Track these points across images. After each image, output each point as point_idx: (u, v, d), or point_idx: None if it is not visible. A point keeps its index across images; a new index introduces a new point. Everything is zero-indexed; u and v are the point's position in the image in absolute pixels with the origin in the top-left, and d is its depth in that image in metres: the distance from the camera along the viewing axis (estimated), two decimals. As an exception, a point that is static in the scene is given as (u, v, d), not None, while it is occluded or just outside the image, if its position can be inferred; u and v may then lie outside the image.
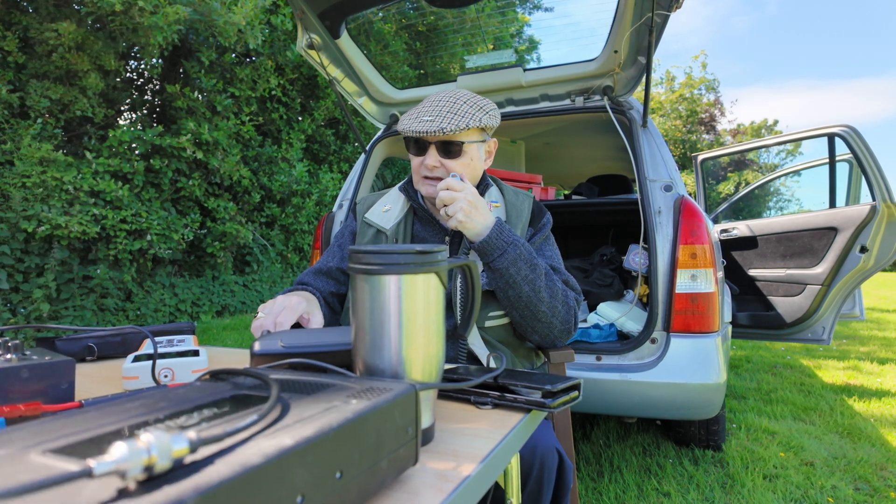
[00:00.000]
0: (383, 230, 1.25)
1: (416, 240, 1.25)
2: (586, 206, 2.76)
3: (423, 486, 0.47)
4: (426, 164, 1.15)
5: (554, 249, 1.30)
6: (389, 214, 1.27)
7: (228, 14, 4.81)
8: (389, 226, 1.25)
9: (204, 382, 0.53)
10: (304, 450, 0.35)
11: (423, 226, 1.26)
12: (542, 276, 1.12)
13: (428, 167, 1.15)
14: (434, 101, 1.18)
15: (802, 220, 3.15)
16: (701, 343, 1.73)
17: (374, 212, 1.30)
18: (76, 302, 4.74)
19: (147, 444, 0.28)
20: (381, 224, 1.26)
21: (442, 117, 1.13)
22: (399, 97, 2.49)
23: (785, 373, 3.73)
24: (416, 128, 1.13)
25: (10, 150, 4.43)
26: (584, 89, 2.20)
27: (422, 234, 1.25)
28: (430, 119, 1.13)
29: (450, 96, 1.18)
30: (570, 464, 0.98)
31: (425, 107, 1.17)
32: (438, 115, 1.14)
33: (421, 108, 1.18)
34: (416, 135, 1.13)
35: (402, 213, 1.27)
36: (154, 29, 4.49)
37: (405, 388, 0.48)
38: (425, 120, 1.13)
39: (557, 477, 0.96)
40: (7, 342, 0.67)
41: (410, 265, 0.56)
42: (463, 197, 1.05)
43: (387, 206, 1.30)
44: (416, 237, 1.25)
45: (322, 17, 2.01)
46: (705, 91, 20.43)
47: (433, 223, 1.25)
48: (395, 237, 1.24)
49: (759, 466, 2.13)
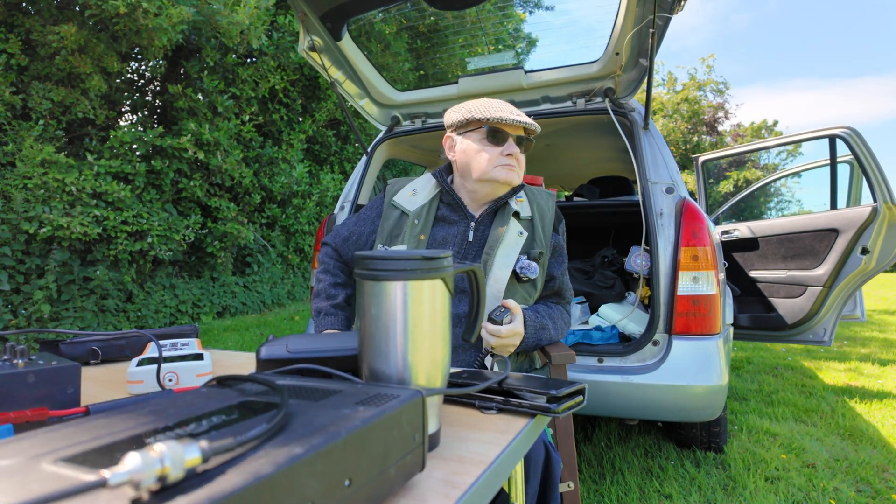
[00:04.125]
0: (407, 211, 1.35)
1: (438, 221, 1.34)
2: (588, 207, 2.76)
3: (430, 492, 0.47)
4: (513, 152, 1.27)
5: (564, 262, 1.40)
6: (415, 198, 1.37)
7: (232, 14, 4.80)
8: (413, 208, 1.35)
9: (211, 388, 0.53)
10: (314, 458, 0.35)
11: (449, 210, 1.35)
12: (550, 329, 1.27)
13: (514, 156, 1.28)
14: (500, 101, 1.32)
15: (803, 221, 3.15)
16: (702, 345, 1.73)
17: (401, 195, 1.39)
18: (77, 303, 4.75)
19: (160, 454, 0.29)
20: (405, 206, 1.36)
21: (523, 117, 1.27)
22: (400, 99, 2.49)
23: (786, 374, 3.73)
24: (520, 120, 1.26)
25: (12, 152, 4.44)
26: (586, 91, 2.20)
27: (446, 216, 1.35)
28: (517, 116, 1.26)
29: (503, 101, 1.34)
30: (557, 457, 0.99)
31: (500, 105, 1.29)
32: (519, 114, 1.28)
33: (495, 104, 1.29)
34: (520, 124, 1.26)
35: (428, 196, 1.36)
36: (158, 31, 4.49)
37: (412, 394, 0.48)
38: (515, 115, 1.26)
39: (544, 471, 0.97)
40: (13, 347, 0.67)
41: (416, 271, 0.56)
42: (509, 343, 1.17)
43: (413, 189, 1.39)
44: (439, 218, 1.35)
45: (324, 19, 2.02)
46: (712, 95, 20.44)
47: (459, 209, 1.34)
48: (416, 218, 1.33)
49: (761, 468, 2.13)
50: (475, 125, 1.28)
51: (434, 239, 1.32)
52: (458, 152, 1.32)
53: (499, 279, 1.24)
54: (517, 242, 1.28)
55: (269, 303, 7.07)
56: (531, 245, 1.31)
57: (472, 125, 1.29)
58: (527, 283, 1.29)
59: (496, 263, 1.25)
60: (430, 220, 1.33)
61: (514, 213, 1.33)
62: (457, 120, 1.30)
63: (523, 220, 1.33)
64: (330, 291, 1.36)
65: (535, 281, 1.30)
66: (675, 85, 21.32)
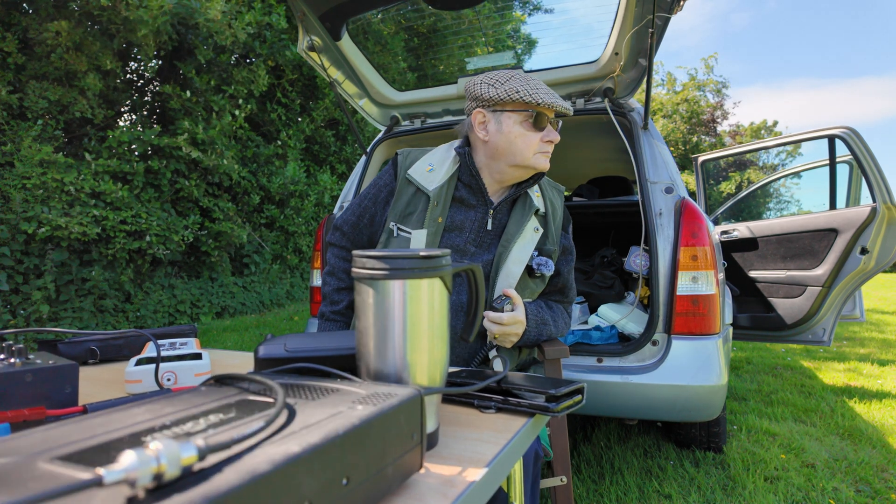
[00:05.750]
0: (425, 190, 1.24)
1: (455, 202, 1.26)
2: (587, 207, 2.76)
3: (428, 492, 0.47)
4: (553, 139, 1.20)
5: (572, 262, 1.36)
6: (433, 175, 1.26)
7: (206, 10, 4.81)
8: (433, 187, 1.24)
9: (209, 387, 0.53)
10: (311, 456, 0.35)
11: (468, 192, 1.26)
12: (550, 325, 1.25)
13: (555, 141, 1.20)
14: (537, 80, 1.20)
15: (803, 221, 3.15)
16: (702, 345, 1.73)
17: (416, 169, 1.28)
18: (75, 303, 4.74)
19: (156, 452, 0.29)
20: (423, 184, 1.25)
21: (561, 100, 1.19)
22: (400, 99, 2.49)
23: (785, 374, 3.73)
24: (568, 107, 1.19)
25: (11, 152, 4.43)
26: (585, 91, 2.20)
27: (465, 198, 1.26)
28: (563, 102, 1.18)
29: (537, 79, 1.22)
30: (540, 453, 1.00)
31: (541, 86, 1.18)
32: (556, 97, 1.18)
33: (536, 84, 1.18)
34: (563, 109, 1.18)
35: (447, 175, 1.25)
36: (140, 23, 4.51)
37: (410, 393, 0.48)
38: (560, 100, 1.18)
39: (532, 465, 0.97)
40: (11, 346, 0.67)
41: (415, 270, 0.56)
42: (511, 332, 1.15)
43: (430, 164, 1.28)
44: (456, 199, 1.26)
45: (323, 18, 2.01)
46: (711, 95, 20.47)
47: (480, 192, 1.25)
48: (436, 200, 1.23)
49: (760, 468, 2.13)
50: (519, 106, 1.17)
51: (452, 222, 1.24)
52: (494, 133, 1.20)
53: (511, 273, 1.20)
54: (533, 239, 1.24)
55: (267, 303, 7.07)
56: (545, 242, 1.27)
57: (515, 105, 1.17)
58: (538, 278, 1.26)
59: (511, 258, 1.21)
60: (448, 201, 1.24)
61: (535, 210, 1.28)
62: (496, 96, 1.17)
63: (539, 217, 1.29)
64: (333, 297, 1.35)
65: (545, 276, 1.28)
66: (674, 85, 21.35)
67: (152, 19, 4.54)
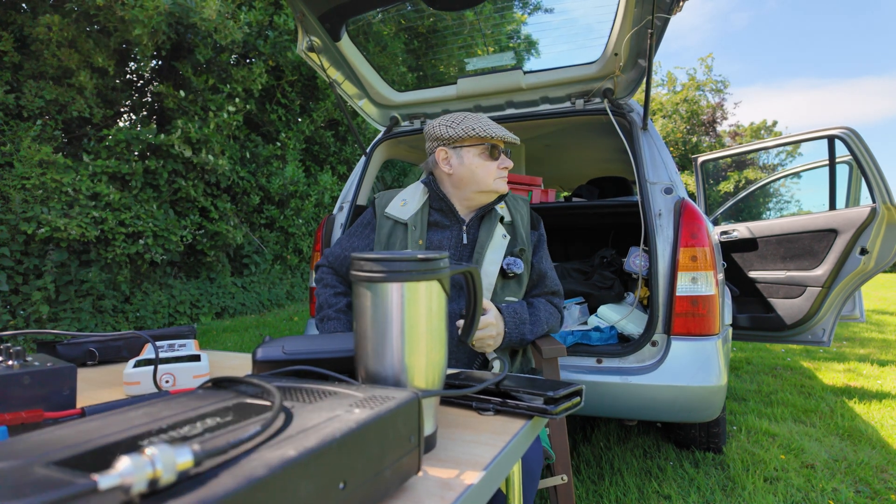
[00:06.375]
0: (402, 220, 1.41)
1: (431, 226, 1.42)
2: (586, 208, 2.76)
3: (426, 495, 0.47)
4: (507, 166, 1.39)
5: (547, 253, 1.49)
6: (407, 207, 1.43)
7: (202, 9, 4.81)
8: (408, 216, 1.41)
9: (206, 390, 0.53)
10: (307, 461, 0.35)
11: (441, 215, 1.42)
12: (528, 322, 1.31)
13: (509, 167, 1.39)
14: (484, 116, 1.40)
15: (802, 221, 3.15)
16: (701, 346, 1.73)
17: (392, 206, 1.45)
18: (74, 304, 4.74)
19: (151, 457, 0.28)
20: (399, 216, 1.42)
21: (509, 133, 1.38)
22: (399, 100, 2.49)
23: (785, 374, 3.73)
24: (515, 137, 1.38)
25: (10, 152, 4.43)
26: (585, 92, 2.20)
27: (439, 221, 1.41)
28: (510, 133, 1.38)
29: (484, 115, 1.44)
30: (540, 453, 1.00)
31: (490, 121, 1.38)
32: (505, 130, 1.38)
33: (485, 120, 1.38)
34: (511, 140, 1.37)
35: (419, 204, 1.42)
36: (135, 23, 4.51)
37: (408, 395, 0.48)
38: (508, 132, 1.37)
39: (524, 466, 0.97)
40: (9, 348, 0.67)
41: (413, 272, 0.56)
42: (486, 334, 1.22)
43: (403, 199, 1.46)
44: (432, 223, 1.42)
45: (322, 19, 2.01)
46: (710, 94, 20.46)
47: (450, 213, 1.41)
48: (413, 224, 1.39)
49: (760, 469, 2.13)
50: (476, 140, 1.35)
51: (431, 242, 1.40)
52: (457, 166, 1.37)
53: (489, 274, 1.34)
54: (502, 244, 1.38)
55: (267, 303, 7.07)
56: (514, 245, 1.40)
57: (472, 140, 1.35)
58: (513, 278, 1.37)
59: (486, 261, 1.35)
60: (425, 225, 1.40)
61: (500, 219, 1.42)
62: (455, 135, 1.35)
63: (506, 225, 1.43)
64: (331, 301, 1.40)
65: (521, 276, 1.39)
66: (674, 85, 21.35)
67: (148, 19, 4.54)
